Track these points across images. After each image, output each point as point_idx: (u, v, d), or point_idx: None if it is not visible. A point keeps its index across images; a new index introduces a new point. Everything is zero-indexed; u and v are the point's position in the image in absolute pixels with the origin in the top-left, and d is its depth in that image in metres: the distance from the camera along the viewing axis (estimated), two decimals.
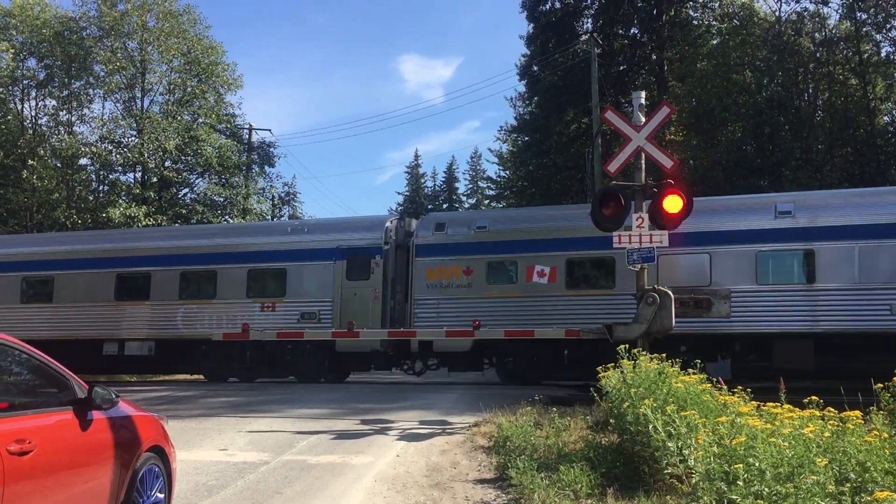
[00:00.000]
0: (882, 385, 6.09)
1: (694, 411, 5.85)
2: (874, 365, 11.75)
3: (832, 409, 5.39)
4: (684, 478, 5.31)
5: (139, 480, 5.22)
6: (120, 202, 31.75)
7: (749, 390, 6.46)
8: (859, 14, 27.49)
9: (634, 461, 6.72)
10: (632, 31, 33.83)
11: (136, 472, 5.19)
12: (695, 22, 32.64)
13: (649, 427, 5.90)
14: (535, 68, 33.73)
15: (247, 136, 38.44)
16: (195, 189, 36.34)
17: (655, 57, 32.60)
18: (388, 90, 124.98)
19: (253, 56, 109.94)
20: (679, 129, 29.89)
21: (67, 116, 34.34)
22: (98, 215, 31.25)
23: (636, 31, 33.63)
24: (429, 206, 65.81)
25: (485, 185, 58.63)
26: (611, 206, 10.59)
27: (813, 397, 5.52)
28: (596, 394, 8.64)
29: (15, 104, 34.27)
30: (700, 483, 4.65)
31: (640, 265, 10.50)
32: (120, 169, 34.20)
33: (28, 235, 27.86)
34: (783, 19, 28.85)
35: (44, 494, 4.24)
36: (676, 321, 10.82)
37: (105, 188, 34.61)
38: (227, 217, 35.26)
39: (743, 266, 15.21)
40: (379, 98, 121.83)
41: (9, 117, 33.60)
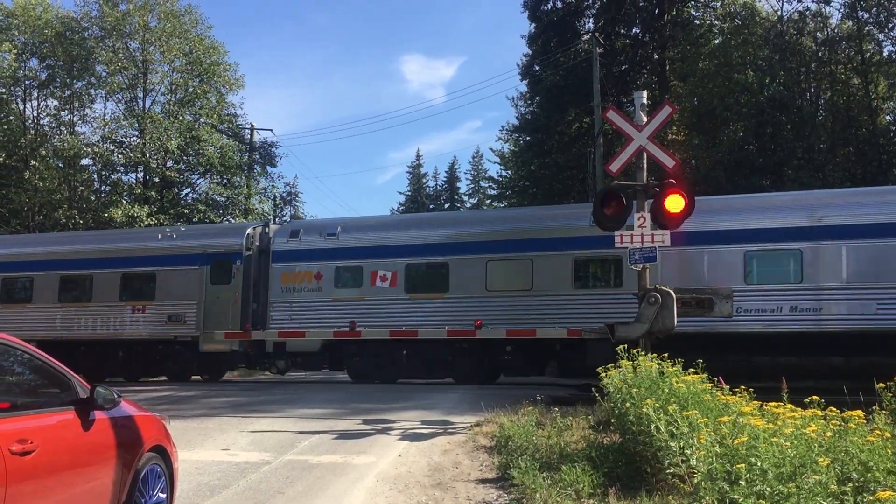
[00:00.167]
0: (884, 385, 6.09)
1: (696, 411, 5.85)
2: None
3: (834, 409, 5.39)
4: (686, 477, 5.32)
5: (141, 480, 5.21)
6: (122, 202, 31.78)
7: (751, 390, 6.46)
8: (861, 13, 27.45)
9: (636, 461, 6.71)
10: (633, 31, 33.83)
11: (139, 473, 5.18)
12: (696, 21, 32.61)
13: (651, 427, 5.90)
14: (537, 68, 33.70)
15: (248, 136, 38.47)
16: (197, 189, 36.46)
17: (657, 56, 32.56)
18: (390, 90, 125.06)
19: (254, 56, 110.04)
20: (681, 129, 29.88)
21: (69, 116, 34.42)
22: (100, 215, 31.30)
23: (638, 31, 33.61)
24: (430, 206, 65.86)
25: (486, 185, 58.46)
26: (612, 206, 10.59)
27: (815, 397, 5.52)
28: (598, 394, 8.64)
29: (17, 104, 34.33)
30: (702, 483, 4.65)
31: (642, 265, 10.50)
32: (122, 169, 34.34)
33: None
34: (785, 19, 28.80)
35: (46, 495, 4.24)
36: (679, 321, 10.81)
37: (107, 188, 34.72)
38: (230, 217, 35.28)
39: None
40: (381, 98, 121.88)
41: (11, 117, 33.65)
